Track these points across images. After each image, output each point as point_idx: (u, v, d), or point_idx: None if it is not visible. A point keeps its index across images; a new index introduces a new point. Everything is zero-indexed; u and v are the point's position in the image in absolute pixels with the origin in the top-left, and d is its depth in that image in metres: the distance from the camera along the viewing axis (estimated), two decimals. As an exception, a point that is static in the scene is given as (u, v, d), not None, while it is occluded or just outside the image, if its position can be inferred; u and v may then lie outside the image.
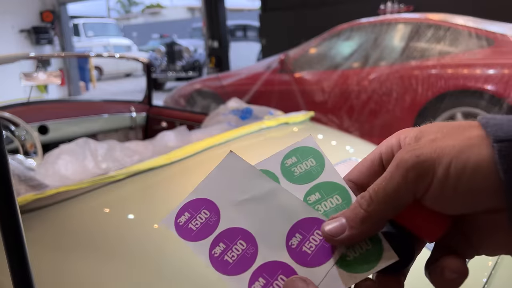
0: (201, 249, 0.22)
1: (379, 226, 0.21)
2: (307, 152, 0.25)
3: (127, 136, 1.97)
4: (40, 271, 0.57)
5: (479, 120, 0.20)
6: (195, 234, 0.23)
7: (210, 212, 0.23)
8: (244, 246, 0.22)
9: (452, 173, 0.18)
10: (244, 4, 19.56)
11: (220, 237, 0.22)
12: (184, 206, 0.24)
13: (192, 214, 0.23)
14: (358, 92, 2.68)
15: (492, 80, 2.25)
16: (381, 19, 2.91)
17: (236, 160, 0.25)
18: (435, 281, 0.21)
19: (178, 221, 0.23)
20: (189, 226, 0.23)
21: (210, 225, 0.23)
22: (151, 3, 24.43)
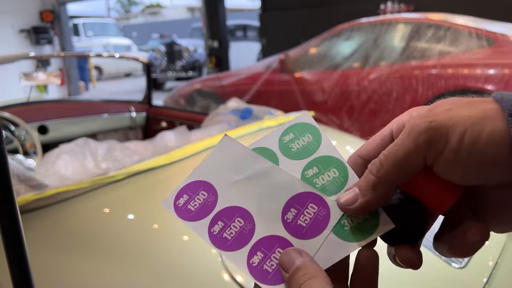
0: (201, 228, 0.23)
1: (390, 193, 0.21)
2: (304, 128, 0.26)
3: (127, 136, 1.97)
4: (39, 271, 0.57)
5: (494, 96, 0.20)
6: (194, 215, 0.23)
7: (208, 193, 0.24)
8: (242, 223, 0.23)
9: (465, 142, 0.18)
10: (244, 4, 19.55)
11: (218, 216, 0.23)
12: (183, 188, 0.25)
13: (190, 195, 0.24)
14: (358, 92, 2.68)
15: (492, 80, 2.24)
16: (381, 19, 2.91)
17: (231, 142, 0.26)
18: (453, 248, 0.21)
19: (177, 203, 0.24)
20: (188, 207, 0.24)
21: (208, 205, 0.24)
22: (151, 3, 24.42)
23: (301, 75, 2.97)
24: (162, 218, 0.78)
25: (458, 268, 0.72)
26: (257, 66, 3.42)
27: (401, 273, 0.69)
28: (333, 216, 0.22)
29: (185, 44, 7.91)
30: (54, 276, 0.66)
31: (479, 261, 0.75)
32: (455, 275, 0.71)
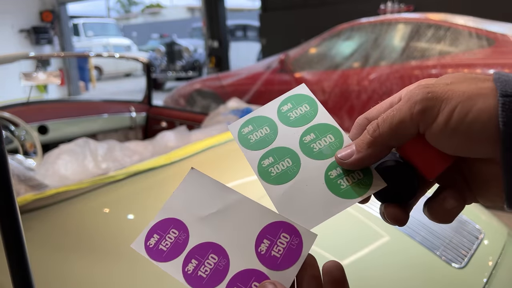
0: (174, 269, 0.23)
1: (383, 152, 0.22)
2: (301, 98, 0.27)
3: (127, 136, 1.97)
4: (39, 271, 0.57)
5: (493, 74, 0.21)
6: (166, 255, 0.23)
7: (179, 230, 0.24)
8: (216, 259, 0.22)
9: (455, 115, 0.20)
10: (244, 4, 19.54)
11: (192, 254, 0.23)
12: (152, 228, 0.24)
13: (161, 235, 0.24)
14: (358, 92, 2.68)
15: (492, 80, 2.24)
16: (381, 19, 2.91)
17: (198, 176, 0.25)
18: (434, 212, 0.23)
19: (148, 244, 0.24)
20: (159, 248, 0.23)
21: (180, 243, 0.23)
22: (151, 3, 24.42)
23: (301, 75, 2.97)
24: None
25: (458, 268, 0.72)
26: (257, 66, 3.42)
27: (401, 273, 0.69)
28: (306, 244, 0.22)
29: (185, 44, 7.91)
30: (54, 276, 0.66)
31: (479, 261, 0.76)
32: (455, 275, 0.71)
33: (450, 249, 0.75)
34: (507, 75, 0.20)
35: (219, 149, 1.06)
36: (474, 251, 0.77)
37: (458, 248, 0.76)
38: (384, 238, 0.75)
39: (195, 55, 7.77)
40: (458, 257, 0.74)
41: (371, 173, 0.23)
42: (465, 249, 0.77)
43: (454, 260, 0.73)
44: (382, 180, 0.23)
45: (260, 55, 6.88)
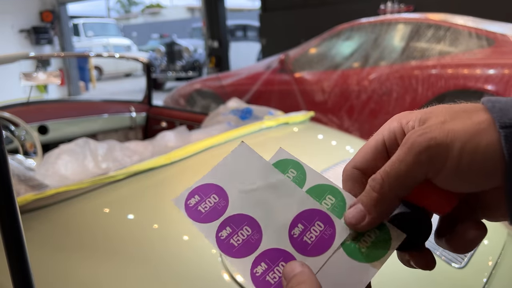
0: (209, 231, 0.23)
1: (394, 206, 0.22)
2: (284, 164, 0.26)
3: (127, 136, 1.97)
4: (39, 271, 0.57)
5: (485, 103, 0.21)
6: (203, 217, 0.24)
7: (219, 197, 0.24)
8: (249, 232, 0.23)
9: (464, 158, 0.19)
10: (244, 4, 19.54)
11: (227, 222, 0.24)
12: (195, 189, 0.25)
13: (202, 197, 0.24)
14: (358, 92, 2.68)
15: (492, 80, 2.24)
16: (381, 19, 2.91)
17: (247, 150, 0.26)
18: (457, 246, 0.22)
19: (188, 203, 0.24)
20: (198, 208, 0.24)
21: (218, 209, 0.24)
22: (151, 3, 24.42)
23: (301, 75, 2.97)
24: (162, 218, 0.78)
25: (458, 268, 0.72)
26: (257, 66, 3.42)
27: (401, 272, 0.69)
28: (338, 236, 0.22)
29: (185, 44, 7.91)
30: (54, 276, 0.66)
31: (479, 261, 0.76)
32: (455, 275, 0.71)
33: (450, 249, 0.75)
34: (499, 101, 0.20)
35: (219, 149, 1.06)
36: (474, 251, 0.77)
37: (458, 248, 0.76)
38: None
39: (195, 55, 7.77)
40: (458, 257, 0.74)
41: (385, 226, 0.22)
42: (465, 249, 0.77)
43: (454, 260, 0.73)
44: (400, 231, 0.22)
45: (260, 55, 6.88)
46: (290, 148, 1.21)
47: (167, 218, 0.78)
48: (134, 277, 0.63)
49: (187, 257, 0.68)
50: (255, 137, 1.18)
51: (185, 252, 0.69)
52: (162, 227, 0.76)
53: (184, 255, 0.68)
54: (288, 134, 1.30)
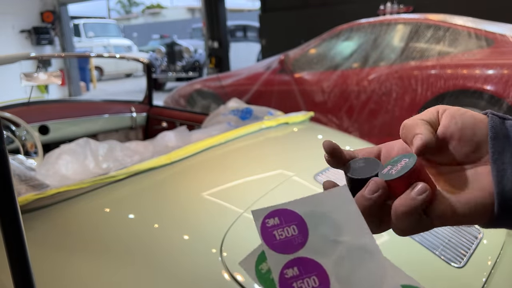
0: (276, 261, 0.22)
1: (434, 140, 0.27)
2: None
3: (127, 136, 1.97)
4: (40, 271, 0.57)
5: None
6: (275, 243, 0.22)
7: (299, 232, 0.22)
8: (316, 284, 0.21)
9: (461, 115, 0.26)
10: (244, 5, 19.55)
11: (297, 262, 0.22)
12: (278, 211, 0.23)
13: (281, 222, 0.22)
14: (357, 92, 2.68)
15: (491, 80, 2.24)
16: (381, 20, 2.91)
17: (347, 197, 0.24)
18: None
19: (266, 221, 0.23)
20: (273, 232, 0.22)
21: (294, 244, 0.22)
22: (151, 4, 24.43)
23: (301, 75, 2.97)
24: (163, 218, 0.78)
25: (457, 267, 0.72)
26: (257, 66, 3.42)
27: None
28: None
29: (186, 44, 7.92)
30: (55, 275, 0.66)
31: (479, 260, 0.76)
32: (454, 274, 0.72)
33: (449, 248, 0.76)
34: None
35: (219, 149, 1.06)
36: (473, 250, 0.77)
37: (457, 248, 0.77)
38: (383, 238, 0.75)
39: (195, 56, 7.78)
40: (457, 256, 0.75)
41: None
42: (464, 249, 0.77)
43: (454, 259, 0.74)
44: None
45: (260, 55, 6.88)
46: (290, 148, 1.21)
47: (168, 218, 0.79)
48: (135, 277, 0.64)
49: (187, 256, 0.68)
50: (255, 137, 1.19)
51: (185, 251, 0.69)
52: (162, 226, 0.76)
53: (184, 255, 0.68)
54: (288, 134, 1.30)
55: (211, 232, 0.73)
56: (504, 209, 0.23)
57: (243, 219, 0.74)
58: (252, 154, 1.10)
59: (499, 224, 0.24)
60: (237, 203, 0.81)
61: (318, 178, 0.91)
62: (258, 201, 0.80)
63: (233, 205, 0.81)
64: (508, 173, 0.23)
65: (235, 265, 0.63)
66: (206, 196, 0.86)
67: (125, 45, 11.35)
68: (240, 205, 0.79)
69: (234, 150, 1.09)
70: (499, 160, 0.24)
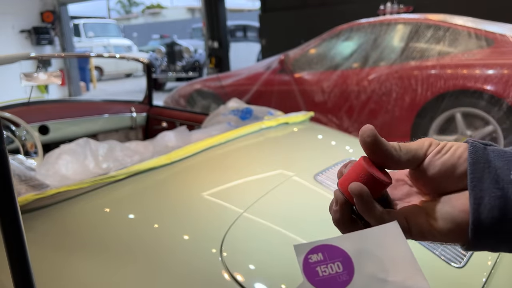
0: None
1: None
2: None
3: (127, 136, 1.97)
4: (40, 271, 0.58)
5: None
6: (318, 280, 0.21)
7: (344, 269, 0.21)
8: None
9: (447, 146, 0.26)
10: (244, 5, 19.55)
11: None
12: (322, 246, 0.22)
13: (325, 259, 0.21)
14: (357, 92, 2.68)
15: (491, 80, 2.25)
16: (381, 20, 2.91)
17: (398, 233, 0.23)
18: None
19: (308, 257, 0.22)
20: (316, 268, 0.21)
21: (338, 282, 0.21)
22: (151, 4, 24.43)
23: (301, 75, 2.97)
24: (163, 218, 0.78)
25: (457, 267, 0.72)
26: (257, 66, 3.43)
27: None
28: None
29: (186, 44, 7.92)
30: (55, 275, 0.66)
31: (479, 260, 0.76)
32: (454, 274, 0.72)
33: (449, 248, 0.76)
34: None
35: (219, 149, 1.06)
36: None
37: (457, 248, 0.77)
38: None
39: (195, 56, 7.78)
40: (457, 256, 0.75)
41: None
42: (464, 249, 0.77)
43: (453, 259, 0.74)
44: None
45: (260, 55, 6.88)
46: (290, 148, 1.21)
47: (168, 218, 0.79)
48: (135, 277, 0.64)
49: (187, 256, 0.68)
50: (255, 137, 1.19)
51: (185, 251, 0.69)
52: (162, 226, 0.76)
53: (184, 255, 0.68)
54: (288, 134, 1.30)
55: (211, 232, 0.73)
56: (477, 236, 0.23)
57: (243, 219, 0.74)
58: (252, 154, 1.10)
59: (476, 248, 0.24)
60: (237, 203, 0.81)
61: (318, 178, 0.91)
62: (258, 201, 0.80)
63: (233, 205, 0.81)
64: (485, 201, 0.23)
65: (235, 265, 0.63)
66: (206, 196, 0.86)
67: (125, 45, 11.35)
68: (240, 205, 0.79)
69: (234, 150, 1.09)
70: (477, 187, 0.23)
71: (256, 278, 0.62)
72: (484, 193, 0.23)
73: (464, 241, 0.25)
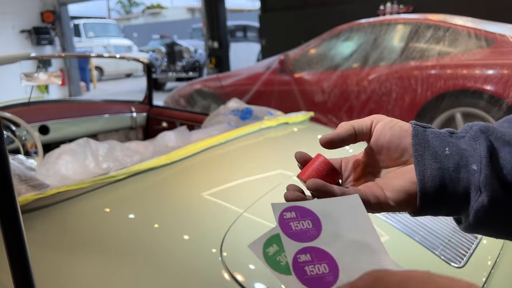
0: (290, 247, 0.24)
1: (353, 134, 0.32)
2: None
3: (127, 136, 1.98)
4: (40, 271, 0.58)
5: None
6: (291, 232, 0.25)
7: (313, 226, 0.25)
8: (326, 271, 0.23)
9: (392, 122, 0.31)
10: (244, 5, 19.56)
11: (310, 250, 0.24)
12: (295, 207, 0.26)
13: (297, 216, 0.26)
14: (357, 92, 2.68)
15: (491, 80, 2.25)
16: (381, 20, 2.91)
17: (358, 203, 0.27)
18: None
19: (283, 213, 0.26)
20: (289, 223, 0.25)
21: (307, 235, 0.25)
22: (152, 4, 24.44)
23: (301, 75, 2.97)
24: (163, 218, 0.78)
25: (457, 267, 0.72)
26: (257, 66, 3.43)
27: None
28: None
29: (186, 44, 7.92)
30: (55, 275, 0.66)
31: (478, 260, 0.76)
32: (454, 274, 0.72)
33: (449, 248, 0.76)
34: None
35: (219, 149, 1.07)
36: (473, 250, 0.77)
37: (457, 248, 0.77)
38: (383, 238, 0.75)
39: (196, 56, 7.78)
40: (457, 256, 0.75)
41: None
42: (464, 249, 0.77)
43: (453, 259, 0.74)
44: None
45: (260, 55, 6.89)
46: (290, 148, 1.21)
47: (168, 218, 0.79)
48: (135, 277, 0.64)
49: (187, 256, 0.68)
50: (255, 137, 1.19)
51: (185, 251, 0.69)
52: (162, 226, 0.76)
53: (184, 255, 0.68)
54: (287, 134, 1.30)
55: (211, 232, 0.73)
56: (424, 202, 0.29)
57: (243, 219, 0.74)
58: (252, 154, 1.10)
59: (422, 213, 0.30)
60: (237, 203, 0.81)
61: (318, 178, 0.91)
62: (258, 201, 0.80)
63: (233, 205, 0.81)
64: (428, 173, 0.29)
65: (235, 265, 0.63)
66: (206, 196, 0.86)
67: (125, 45, 11.35)
68: (240, 205, 0.79)
69: (234, 150, 1.09)
70: (420, 162, 0.29)
71: (256, 278, 0.63)
72: (426, 166, 0.29)
73: (413, 208, 0.30)
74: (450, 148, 0.29)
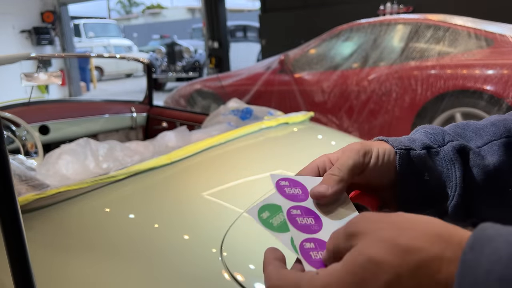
0: (284, 204, 0.32)
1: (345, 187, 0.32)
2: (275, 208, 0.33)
3: (127, 136, 1.98)
4: (40, 271, 0.58)
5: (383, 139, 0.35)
6: (285, 195, 0.33)
7: (302, 192, 0.33)
8: (312, 222, 0.31)
9: (380, 154, 0.33)
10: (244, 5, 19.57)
11: (301, 208, 0.32)
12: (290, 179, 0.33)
13: (290, 185, 0.33)
14: (357, 92, 2.68)
15: (491, 80, 2.25)
16: (381, 20, 2.91)
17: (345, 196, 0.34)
18: None
19: (279, 181, 0.33)
20: (284, 189, 0.33)
21: (298, 198, 0.33)
22: (152, 4, 24.45)
23: (301, 75, 2.97)
24: (163, 218, 0.79)
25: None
26: (257, 66, 3.43)
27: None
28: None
29: (186, 44, 7.92)
30: (55, 275, 0.66)
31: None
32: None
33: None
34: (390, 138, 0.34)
35: (219, 149, 1.07)
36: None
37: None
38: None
39: (196, 56, 7.78)
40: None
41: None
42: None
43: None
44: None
45: (260, 55, 6.89)
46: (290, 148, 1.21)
47: (168, 218, 0.79)
48: (135, 277, 0.64)
49: (187, 256, 0.68)
50: (255, 137, 1.19)
51: (185, 251, 0.69)
52: (162, 226, 0.76)
53: (184, 255, 0.68)
54: (287, 134, 1.30)
55: (211, 232, 0.73)
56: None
57: (243, 219, 0.74)
58: (252, 154, 1.10)
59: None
60: (237, 203, 0.81)
61: (318, 178, 0.91)
62: (258, 201, 0.80)
63: (233, 205, 0.81)
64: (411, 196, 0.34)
65: (235, 265, 0.63)
66: (206, 196, 0.86)
67: (125, 45, 11.36)
68: (240, 205, 0.79)
69: (234, 150, 1.09)
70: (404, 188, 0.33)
71: (256, 278, 0.63)
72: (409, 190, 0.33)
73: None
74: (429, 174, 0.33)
